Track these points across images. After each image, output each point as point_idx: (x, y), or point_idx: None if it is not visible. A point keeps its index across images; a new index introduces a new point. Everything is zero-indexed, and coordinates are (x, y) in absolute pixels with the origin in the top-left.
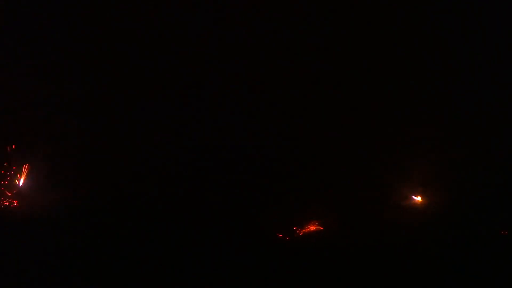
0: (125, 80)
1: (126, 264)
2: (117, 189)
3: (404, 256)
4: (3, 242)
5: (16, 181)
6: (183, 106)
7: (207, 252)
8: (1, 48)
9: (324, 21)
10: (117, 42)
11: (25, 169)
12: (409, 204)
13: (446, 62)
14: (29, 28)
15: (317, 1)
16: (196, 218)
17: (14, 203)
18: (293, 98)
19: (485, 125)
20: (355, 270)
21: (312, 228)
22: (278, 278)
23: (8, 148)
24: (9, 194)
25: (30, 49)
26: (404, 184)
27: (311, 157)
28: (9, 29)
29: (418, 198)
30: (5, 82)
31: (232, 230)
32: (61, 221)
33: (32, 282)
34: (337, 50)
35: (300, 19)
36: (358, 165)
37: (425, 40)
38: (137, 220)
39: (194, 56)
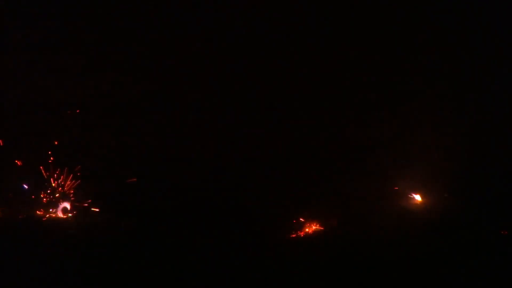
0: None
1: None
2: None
3: (404, 255)
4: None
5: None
6: (184, 106)
7: (207, 252)
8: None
9: (324, 21)
10: (119, 42)
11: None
12: (409, 204)
13: (446, 62)
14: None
15: (317, 1)
16: (195, 218)
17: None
18: (292, 98)
19: (486, 125)
20: (355, 270)
21: (312, 228)
22: (278, 278)
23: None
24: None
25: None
26: (404, 184)
27: (311, 157)
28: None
29: (418, 198)
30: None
31: (232, 230)
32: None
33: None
34: (336, 50)
35: (300, 19)
36: (358, 165)
37: (425, 39)
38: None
39: (195, 56)
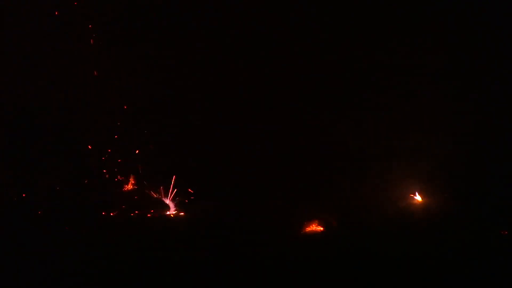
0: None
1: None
2: None
3: (404, 255)
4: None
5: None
6: (185, 106)
7: (206, 252)
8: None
9: (323, 21)
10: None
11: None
12: (409, 203)
13: (446, 61)
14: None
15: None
16: (195, 217)
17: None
18: (292, 97)
19: (486, 125)
20: (355, 270)
21: (312, 228)
22: (278, 278)
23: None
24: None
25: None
26: (404, 184)
27: (311, 157)
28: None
29: (418, 198)
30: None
31: (231, 230)
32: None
33: None
34: (336, 49)
35: (300, 19)
36: (358, 165)
37: (424, 39)
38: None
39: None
